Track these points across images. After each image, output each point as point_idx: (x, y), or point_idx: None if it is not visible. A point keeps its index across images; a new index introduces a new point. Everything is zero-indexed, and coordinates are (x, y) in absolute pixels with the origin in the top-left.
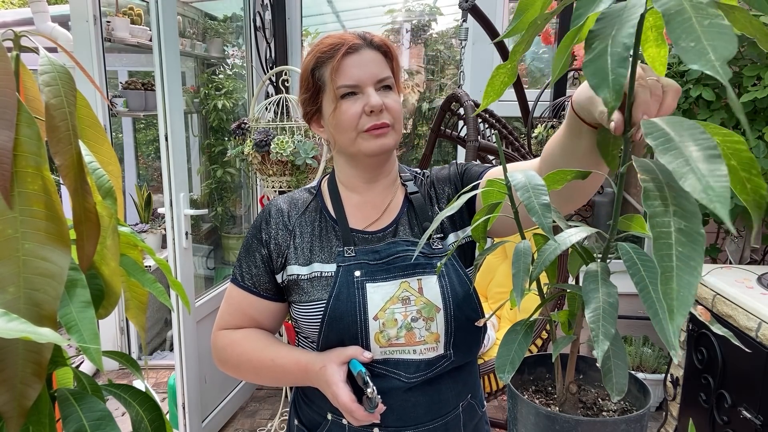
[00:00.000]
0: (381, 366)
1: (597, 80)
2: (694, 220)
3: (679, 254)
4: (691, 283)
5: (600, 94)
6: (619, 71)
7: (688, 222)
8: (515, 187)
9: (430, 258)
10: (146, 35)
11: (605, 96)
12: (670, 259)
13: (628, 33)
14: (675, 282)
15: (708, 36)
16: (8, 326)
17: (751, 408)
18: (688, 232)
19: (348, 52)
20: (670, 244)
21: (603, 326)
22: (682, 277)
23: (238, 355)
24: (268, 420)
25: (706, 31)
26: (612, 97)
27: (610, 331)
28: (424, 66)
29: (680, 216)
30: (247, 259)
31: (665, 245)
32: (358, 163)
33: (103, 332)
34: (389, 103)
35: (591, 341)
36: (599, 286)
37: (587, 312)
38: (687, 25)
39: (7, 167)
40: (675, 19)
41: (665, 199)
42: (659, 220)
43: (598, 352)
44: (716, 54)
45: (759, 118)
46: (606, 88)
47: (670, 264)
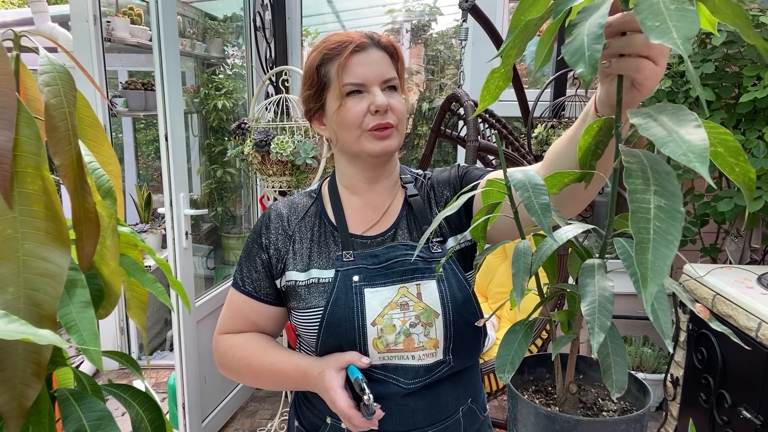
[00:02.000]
0: (379, 371)
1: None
2: (674, 199)
3: (657, 228)
4: (666, 255)
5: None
6: (594, 47)
7: (668, 200)
8: (515, 186)
9: (429, 262)
10: (146, 35)
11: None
12: (647, 232)
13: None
14: (651, 253)
15: (673, 18)
16: (8, 328)
17: (751, 408)
18: (668, 209)
19: (355, 50)
20: (648, 218)
21: (598, 319)
22: (658, 249)
23: (238, 360)
24: (268, 420)
25: (672, 13)
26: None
27: (606, 324)
28: (424, 66)
29: (660, 195)
30: (248, 264)
31: (643, 219)
32: (359, 163)
33: (103, 332)
34: (394, 103)
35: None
36: (595, 280)
37: (583, 305)
38: (655, 8)
39: (7, 167)
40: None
41: (647, 179)
42: (639, 196)
43: (594, 344)
44: (679, 33)
45: (759, 118)
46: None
47: (646, 236)
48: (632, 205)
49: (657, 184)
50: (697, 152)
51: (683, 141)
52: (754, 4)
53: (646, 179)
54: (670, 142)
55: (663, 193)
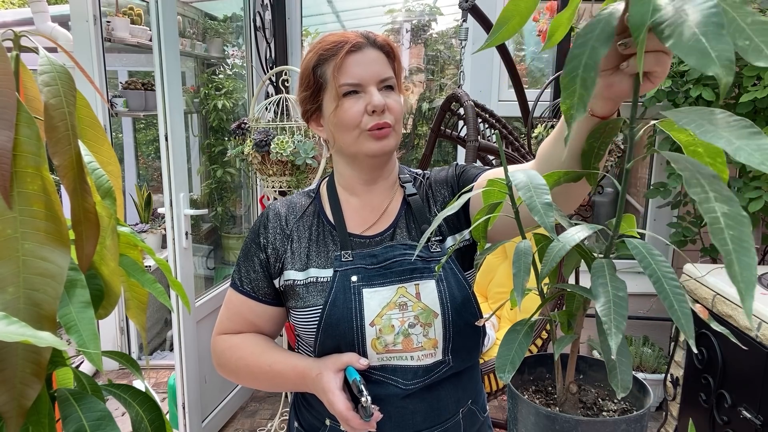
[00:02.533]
0: (378, 372)
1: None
2: (734, 204)
3: (732, 237)
4: (749, 264)
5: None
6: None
7: (729, 206)
8: (516, 186)
9: (428, 262)
10: (146, 35)
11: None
12: (725, 243)
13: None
14: (736, 265)
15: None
16: (8, 329)
17: (751, 408)
18: (732, 215)
19: (351, 50)
20: (722, 228)
21: (615, 319)
22: (740, 259)
23: (236, 360)
24: (268, 420)
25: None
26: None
27: (622, 324)
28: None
29: (721, 201)
30: (246, 264)
31: (718, 230)
32: (357, 164)
33: (103, 332)
34: (391, 103)
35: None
36: (608, 280)
37: (598, 306)
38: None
39: (7, 167)
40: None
41: (703, 186)
42: (707, 206)
43: (612, 345)
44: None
45: (759, 118)
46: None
47: (727, 248)
48: (706, 217)
49: (714, 190)
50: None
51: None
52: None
53: (702, 186)
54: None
55: (722, 199)
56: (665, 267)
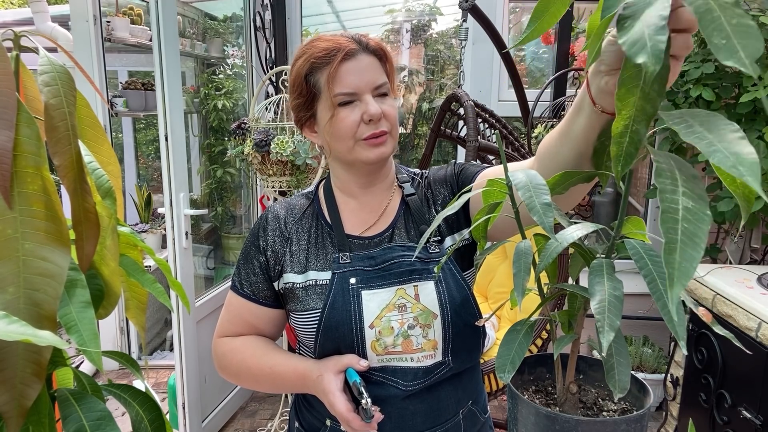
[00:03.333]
0: (378, 374)
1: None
2: (701, 203)
3: (684, 230)
4: (693, 257)
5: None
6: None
7: (695, 203)
8: (516, 186)
9: (427, 263)
10: (146, 35)
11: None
12: (675, 233)
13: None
14: (678, 254)
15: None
16: (8, 328)
17: (751, 408)
18: (695, 211)
19: (345, 58)
20: (677, 219)
21: (608, 317)
22: (685, 250)
23: (237, 363)
24: (268, 420)
25: (735, 30)
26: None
27: (615, 323)
28: (424, 66)
29: (689, 197)
30: (246, 267)
31: (672, 219)
32: (354, 170)
33: (103, 332)
34: (386, 109)
35: (590, 341)
36: (605, 279)
37: (592, 304)
38: (717, 23)
39: (7, 167)
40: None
41: (675, 180)
42: (669, 196)
43: (604, 343)
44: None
45: (759, 118)
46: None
47: (675, 237)
48: (662, 205)
49: (685, 186)
50: (747, 166)
51: (730, 152)
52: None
53: (674, 180)
54: (715, 151)
55: (691, 195)
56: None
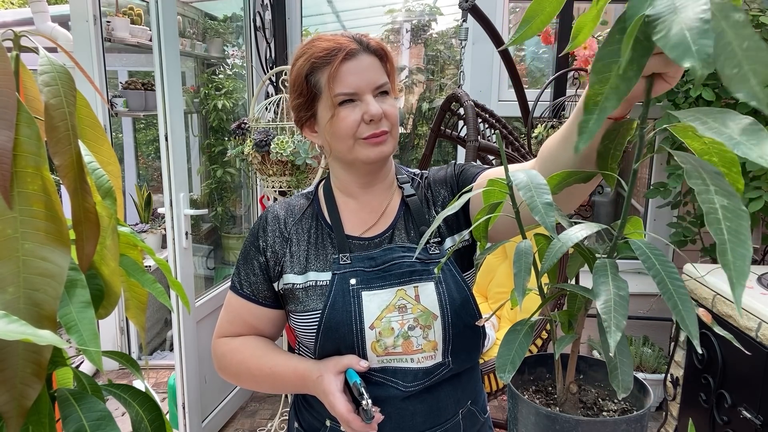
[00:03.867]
0: (378, 374)
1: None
2: (734, 199)
3: (728, 228)
4: (744, 255)
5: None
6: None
7: (729, 200)
8: (517, 186)
9: (427, 264)
10: (146, 35)
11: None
12: (722, 233)
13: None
14: (730, 254)
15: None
16: (8, 328)
17: (751, 408)
18: (732, 208)
19: (345, 57)
20: (719, 218)
21: (615, 317)
22: (735, 249)
23: (236, 363)
24: (268, 420)
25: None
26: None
27: (622, 323)
28: (424, 66)
29: (721, 194)
30: (246, 267)
31: (715, 219)
32: (354, 169)
33: (103, 332)
34: (387, 109)
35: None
36: (609, 279)
37: (598, 304)
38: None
39: (7, 167)
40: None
41: (704, 179)
42: (705, 197)
43: (611, 343)
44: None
45: (759, 118)
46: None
47: (723, 237)
48: (704, 206)
49: (715, 184)
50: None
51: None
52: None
53: (703, 179)
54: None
55: (723, 193)
56: (669, 267)
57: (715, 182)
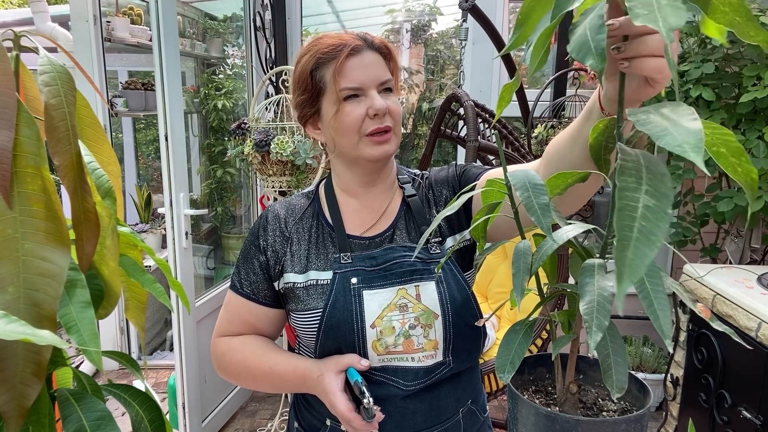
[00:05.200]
0: (379, 373)
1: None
2: (664, 201)
3: (641, 227)
4: (646, 254)
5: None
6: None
7: (657, 201)
8: (515, 186)
9: (428, 263)
10: (146, 35)
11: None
12: (630, 230)
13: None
14: (630, 251)
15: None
16: (8, 328)
17: (751, 408)
18: (655, 210)
19: (351, 53)
20: (634, 217)
21: (596, 318)
22: (639, 247)
23: (236, 363)
24: (268, 420)
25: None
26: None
27: (604, 324)
28: (424, 66)
29: (651, 195)
30: (246, 266)
31: (628, 217)
32: (356, 167)
33: (103, 332)
34: (391, 105)
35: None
36: (594, 280)
37: (581, 305)
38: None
39: (7, 167)
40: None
41: (640, 179)
42: (629, 194)
43: (591, 343)
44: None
45: (759, 118)
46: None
47: (629, 234)
48: (619, 203)
49: (649, 185)
50: (692, 143)
51: (679, 133)
52: (754, 4)
53: (639, 178)
54: (665, 134)
55: (654, 194)
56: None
57: (652, 183)
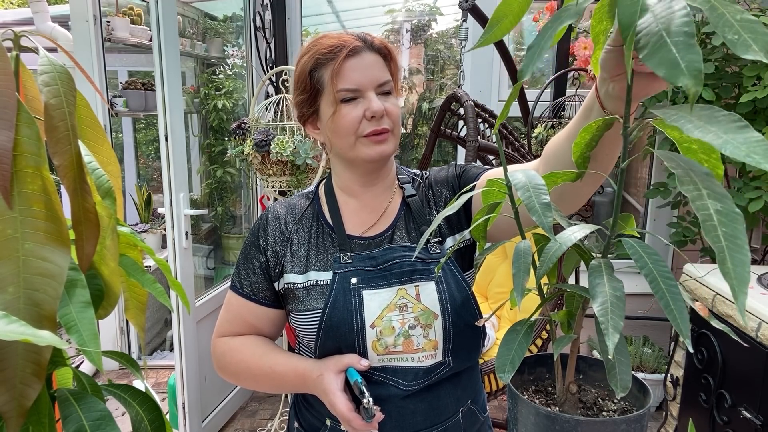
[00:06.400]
0: (379, 373)
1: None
2: (727, 202)
3: (725, 234)
4: (743, 261)
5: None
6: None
7: (722, 203)
8: (515, 186)
9: (428, 263)
10: (146, 35)
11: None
12: (719, 240)
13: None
14: (729, 262)
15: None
16: (8, 328)
17: (751, 408)
18: (725, 212)
19: (349, 54)
20: (714, 225)
21: (612, 319)
22: (733, 256)
23: (236, 363)
24: (268, 420)
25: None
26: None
27: (619, 324)
28: (424, 66)
29: (714, 198)
30: (246, 267)
31: (711, 227)
32: (355, 168)
33: (103, 332)
34: (389, 107)
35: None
36: (605, 280)
37: (595, 306)
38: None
39: (7, 167)
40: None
41: (695, 183)
42: (699, 203)
43: (610, 345)
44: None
45: (759, 118)
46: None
47: (720, 245)
48: (699, 214)
49: (707, 188)
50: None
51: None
52: (754, 4)
53: (695, 183)
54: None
55: (715, 196)
56: (662, 266)
57: (707, 185)
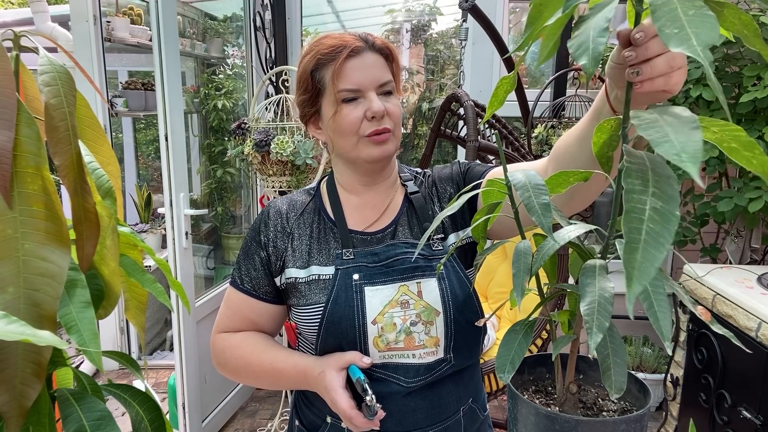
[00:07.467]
0: (380, 370)
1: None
2: (671, 203)
3: (649, 230)
4: (655, 257)
5: (580, 61)
6: (598, 40)
7: (664, 203)
8: (515, 186)
9: (430, 260)
10: (146, 35)
11: (584, 62)
12: (638, 233)
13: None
14: (639, 253)
15: (692, 24)
16: (8, 328)
17: (751, 408)
18: (663, 212)
19: (350, 55)
20: (642, 219)
21: (597, 319)
22: (647, 250)
23: (236, 359)
24: (268, 420)
25: (691, 20)
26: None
27: (604, 324)
28: (424, 66)
29: (658, 197)
30: (246, 262)
31: (636, 219)
32: (357, 167)
33: (103, 332)
34: (390, 107)
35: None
36: (595, 281)
37: (582, 306)
38: (672, 15)
39: (7, 167)
40: (661, 9)
41: (646, 181)
42: (636, 197)
43: (591, 344)
44: (698, 40)
45: (759, 118)
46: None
47: (637, 237)
48: (627, 205)
49: (656, 187)
50: (690, 153)
51: (678, 142)
52: (755, 4)
53: (645, 180)
54: (665, 142)
55: (661, 196)
56: None
57: (659, 186)
